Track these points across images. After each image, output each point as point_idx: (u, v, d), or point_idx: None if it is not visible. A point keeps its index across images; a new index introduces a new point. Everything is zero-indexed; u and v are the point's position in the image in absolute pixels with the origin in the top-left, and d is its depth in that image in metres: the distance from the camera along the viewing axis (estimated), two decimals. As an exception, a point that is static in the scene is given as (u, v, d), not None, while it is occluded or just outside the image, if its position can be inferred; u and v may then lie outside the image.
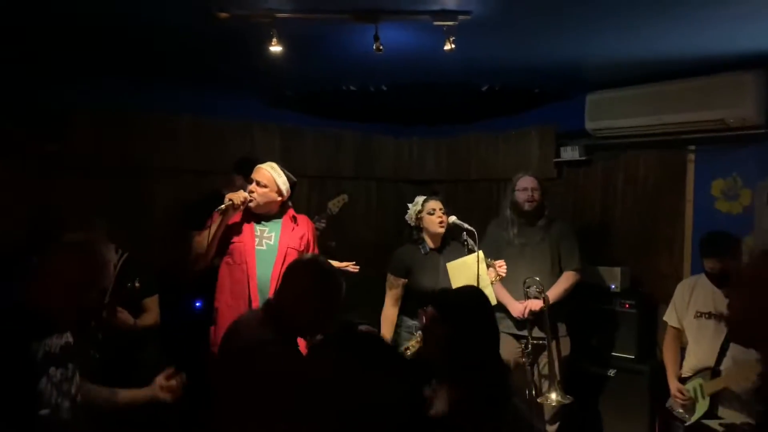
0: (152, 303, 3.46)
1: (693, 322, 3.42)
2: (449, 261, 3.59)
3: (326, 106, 5.03)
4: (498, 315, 3.88)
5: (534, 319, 3.74)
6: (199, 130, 4.66)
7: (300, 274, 2.16)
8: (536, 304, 3.70)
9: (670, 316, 3.57)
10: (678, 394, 3.40)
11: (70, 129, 4.04)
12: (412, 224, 3.75)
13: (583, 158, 4.56)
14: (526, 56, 3.57)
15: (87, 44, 3.45)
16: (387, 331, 3.62)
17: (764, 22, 2.83)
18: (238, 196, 3.22)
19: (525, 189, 3.88)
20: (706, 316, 3.36)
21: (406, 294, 3.68)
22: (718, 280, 3.31)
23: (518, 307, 3.76)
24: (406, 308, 3.67)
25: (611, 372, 4.04)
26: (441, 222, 3.65)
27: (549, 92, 4.52)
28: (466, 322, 1.99)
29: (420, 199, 3.77)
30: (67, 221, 3.35)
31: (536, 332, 3.76)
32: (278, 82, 4.43)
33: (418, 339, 3.35)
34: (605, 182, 4.56)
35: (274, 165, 3.37)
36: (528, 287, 3.76)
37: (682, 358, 3.51)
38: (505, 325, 3.81)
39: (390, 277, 3.69)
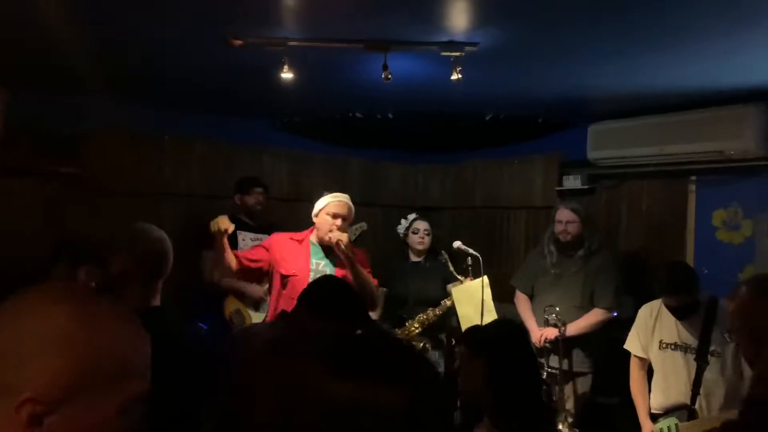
0: None
1: (659, 354, 3.15)
2: (431, 272, 4.07)
3: (334, 133, 5.12)
4: None
5: (552, 347, 3.74)
6: (210, 154, 4.75)
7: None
8: (552, 332, 3.70)
9: (632, 344, 3.27)
10: None
11: (85, 152, 4.13)
12: (401, 238, 4.28)
13: (586, 186, 4.62)
14: (530, 87, 3.66)
15: (103, 69, 3.54)
16: None
17: (765, 56, 2.90)
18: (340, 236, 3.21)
19: (560, 221, 3.86)
20: (672, 347, 3.11)
21: (386, 302, 4.13)
22: (676, 312, 3.07)
23: (536, 334, 3.76)
24: (383, 315, 4.11)
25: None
26: (420, 242, 4.20)
27: (552, 122, 4.61)
28: (499, 357, 1.94)
29: (411, 216, 4.28)
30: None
31: (556, 362, 3.72)
32: (287, 108, 4.52)
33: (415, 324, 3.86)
34: (608, 210, 4.60)
35: (346, 195, 3.37)
36: (548, 315, 3.76)
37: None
38: None
39: None
